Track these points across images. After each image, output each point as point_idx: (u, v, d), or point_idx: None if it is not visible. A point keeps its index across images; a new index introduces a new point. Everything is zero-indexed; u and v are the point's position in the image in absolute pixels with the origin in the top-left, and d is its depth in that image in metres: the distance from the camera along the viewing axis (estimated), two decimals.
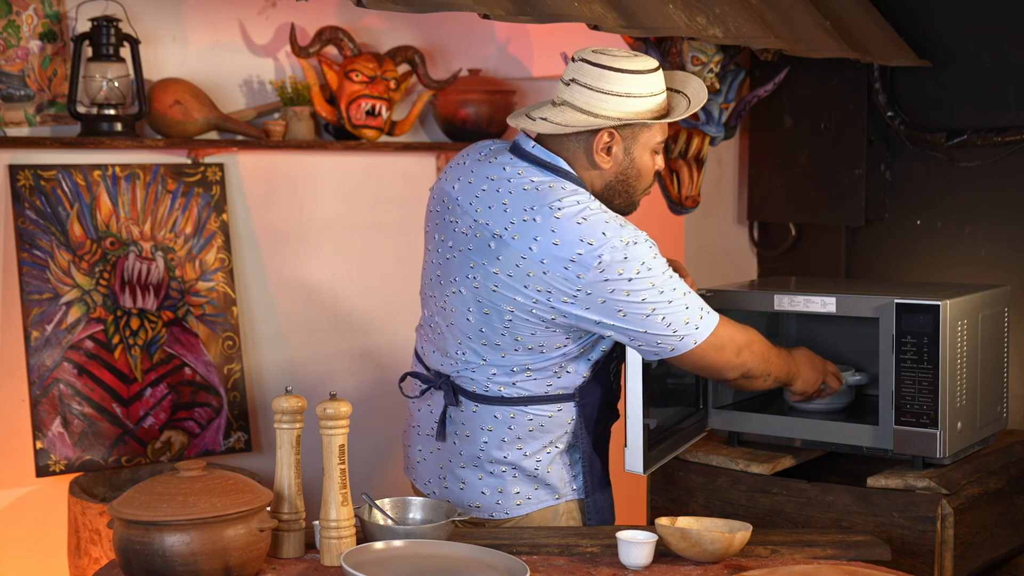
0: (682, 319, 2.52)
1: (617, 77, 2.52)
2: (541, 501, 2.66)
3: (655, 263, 2.50)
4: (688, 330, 2.53)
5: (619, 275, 2.46)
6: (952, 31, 3.62)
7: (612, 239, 2.45)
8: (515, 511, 2.65)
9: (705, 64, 3.49)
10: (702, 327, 2.54)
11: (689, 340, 2.54)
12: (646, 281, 2.48)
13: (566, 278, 2.46)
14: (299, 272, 3.86)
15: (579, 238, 2.45)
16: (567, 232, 2.46)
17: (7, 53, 3.31)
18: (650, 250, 2.50)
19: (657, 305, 2.49)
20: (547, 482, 2.66)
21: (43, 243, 3.35)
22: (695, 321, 2.54)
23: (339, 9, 3.81)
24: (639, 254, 2.47)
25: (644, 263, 2.48)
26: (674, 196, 3.60)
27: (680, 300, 2.52)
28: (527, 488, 2.65)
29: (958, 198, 3.63)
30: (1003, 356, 3.04)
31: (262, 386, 3.77)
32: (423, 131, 4.10)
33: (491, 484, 2.65)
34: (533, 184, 2.54)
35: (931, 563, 2.71)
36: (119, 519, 2.16)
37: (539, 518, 2.67)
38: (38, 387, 3.30)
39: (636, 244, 2.48)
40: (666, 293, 2.50)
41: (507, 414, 2.62)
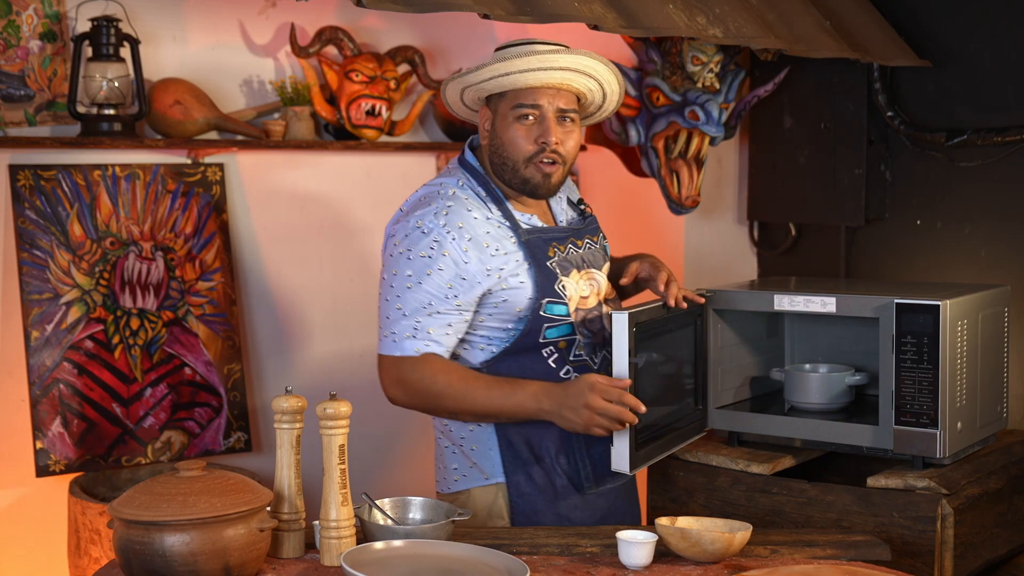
0: (381, 321, 2.64)
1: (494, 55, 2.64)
2: (474, 480, 2.72)
3: (418, 262, 2.58)
4: (379, 333, 2.65)
5: (394, 245, 2.63)
6: (952, 31, 3.62)
7: (410, 218, 2.61)
8: (454, 486, 2.73)
9: (705, 64, 3.49)
10: (380, 344, 2.64)
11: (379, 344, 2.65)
12: (394, 266, 2.61)
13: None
14: (299, 272, 3.85)
15: (406, 207, 2.67)
16: (408, 202, 2.70)
17: (7, 53, 3.31)
18: (428, 249, 2.57)
19: (382, 292, 2.64)
20: (474, 460, 2.71)
21: (43, 243, 3.35)
22: (381, 333, 2.63)
23: (339, 9, 3.81)
24: (413, 241, 2.59)
25: (410, 250, 2.59)
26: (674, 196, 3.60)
27: (391, 308, 2.61)
28: (463, 465, 2.73)
29: (958, 198, 3.63)
30: (1003, 356, 3.04)
31: (262, 386, 3.77)
32: (423, 131, 4.10)
33: (440, 459, 2.78)
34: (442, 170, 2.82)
35: (931, 563, 2.71)
36: (119, 519, 2.16)
37: (479, 497, 2.71)
38: (38, 387, 3.30)
39: (423, 234, 2.58)
40: (394, 289, 2.61)
41: None
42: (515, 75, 2.59)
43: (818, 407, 3.01)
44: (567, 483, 2.70)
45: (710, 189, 3.91)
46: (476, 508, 2.69)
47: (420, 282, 2.57)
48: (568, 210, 2.83)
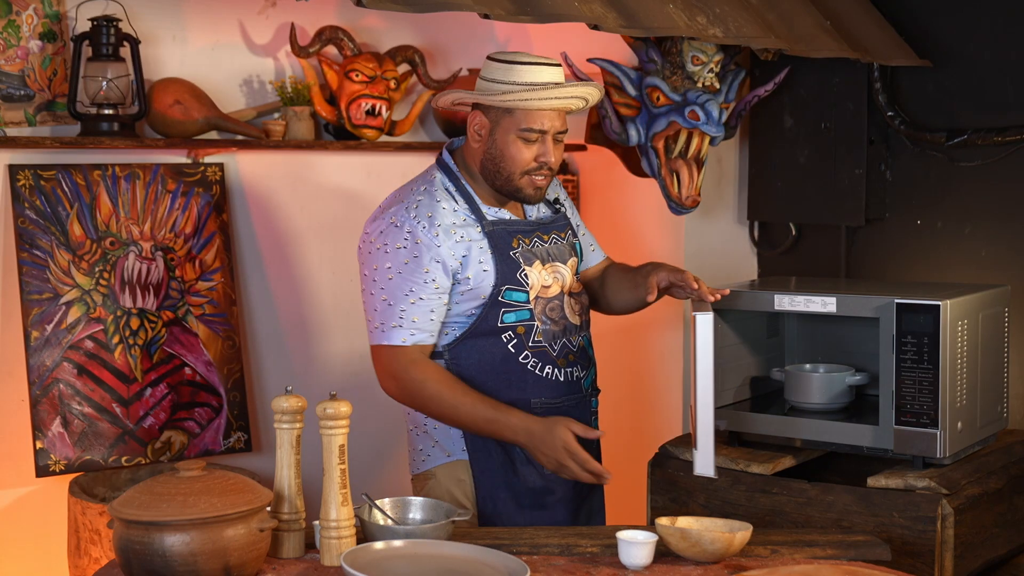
0: (368, 314, 2.76)
1: (490, 64, 2.76)
2: (437, 458, 2.81)
3: (394, 254, 2.70)
4: (368, 325, 2.74)
5: (371, 242, 2.76)
6: (952, 31, 3.62)
7: (389, 214, 2.75)
8: (422, 466, 2.84)
9: (705, 64, 3.49)
10: (371, 336, 2.76)
11: (369, 336, 2.77)
12: (373, 261, 2.74)
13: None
14: (299, 272, 3.85)
15: (382, 205, 2.82)
16: (385, 201, 2.84)
17: (7, 53, 3.31)
18: (402, 240, 2.70)
19: (364, 288, 2.77)
20: (436, 439, 2.81)
21: (43, 243, 3.35)
22: (371, 326, 2.76)
23: (339, 9, 3.81)
24: (388, 236, 2.73)
25: (385, 245, 2.72)
26: (674, 196, 3.60)
27: (376, 301, 2.73)
28: (427, 444, 2.83)
29: (958, 198, 3.63)
30: (1003, 356, 3.04)
31: (262, 386, 3.77)
32: (423, 131, 4.09)
33: (410, 441, 2.88)
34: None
35: (931, 563, 2.71)
36: (119, 519, 2.16)
37: (443, 475, 2.79)
38: (38, 387, 3.30)
39: (396, 228, 2.71)
40: (376, 283, 2.72)
41: None
42: (534, 102, 2.72)
43: (818, 407, 3.01)
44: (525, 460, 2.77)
45: (710, 189, 3.91)
46: (442, 485, 2.79)
47: (400, 272, 2.70)
48: (541, 207, 2.95)
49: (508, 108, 2.75)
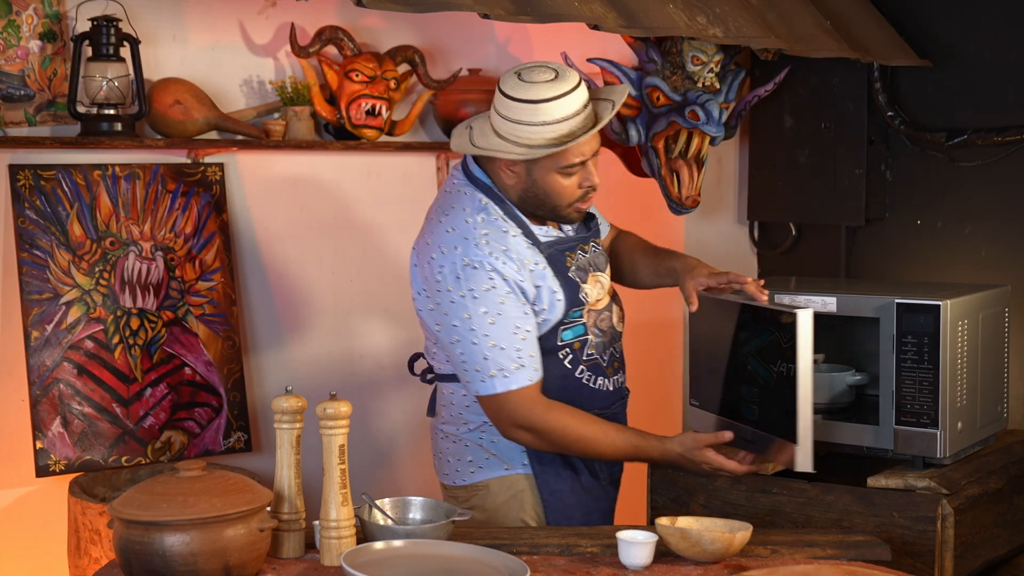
0: (474, 365, 2.59)
1: (509, 104, 2.59)
2: (492, 470, 2.75)
3: (485, 297, 2.57)
4: (473, 378, 2.61)
5: (448, 291, 2.60)
6: (952, 31, 3.62)
7: (459, 255, 2.59)
8: (470, 478, 2.76)
9: (705, 64, 3.49)
10: (488, 384, 2.60)
11: (472, 388, 2.63)
12: (464, 310, 2.58)
13: (420, 276, 2.67)
14: (299, 272, 3.85)
15: (439, 244, 2.63)
16: (435, 236, 2.65)
17: (7, 53, 3.31)
18: (488, 281, 2.57)
19: (462, 339, 2.59)
20: (493, 452, 2.74)
21: (43, 243, 3.35)
22: (485, 375, 2.59)
23: (339, 9, 3.81)
24: (472, 281, 2.57)
25: (472, 290, 2.57)
26: (674, 196, 3.60)
27: (485, 348, 2.58)
28: (479, 457, 2.76)
29: (958, 198, 3.63)
30: (1003, 356, 3.04)
31: (262, 386, 3.76)
32: (423, 131, 4.09)
33: (452, 452, 2.79)
34: (450, 188, 2.73)
35: (931, 563, 2.71)
36: (119, 519, 2.16)
37: (498, 487, 2.74)
38: (38, 387, 3.30)
39: (475, 270, 2.57)
40: (476, 332, 2.57)
41: (448, 390, 2.77)
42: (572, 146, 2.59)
43: (818, 407, 3.00)
44: (588, 475, 2.78)
45: (710, 189, 3.91)
46: (493, 498, 2.73)
47: (500, 312, 2.58)
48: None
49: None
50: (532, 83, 2.58)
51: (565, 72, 2.60)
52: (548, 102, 2.56)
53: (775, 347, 2.64)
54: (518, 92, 2.58)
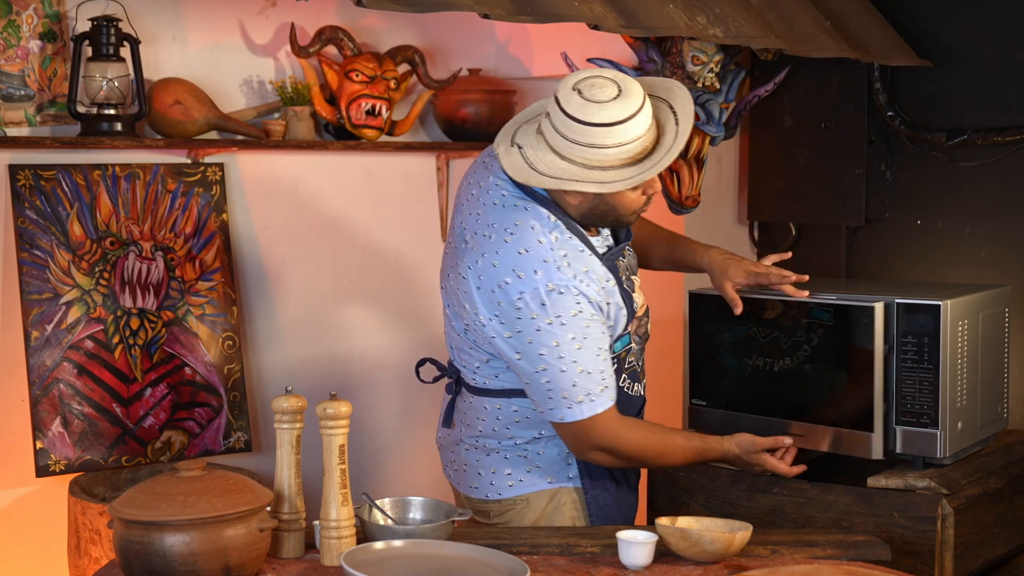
0: (561, 392, 2.52)
1: (580, 128, 2.41)
2: (533, 484, 2.70)
3: (572, 323, 2.48)
4: (558, 405, 2.54)
5: (532, 318, 2.48)
6: (952, 31, 3.62)
7: (540, 280, 2.46)
8: (507, 492, 2.70)
9: (705, 64, 3.49)
10: (575, 410, 2.53)
11: (556, 415, 2.55)
12: (552, 338, 2.48)
13: (489, 300, 2.51)
14: (299, 272, 3.85)
15: (512, 268, 2.48)
16: (506, 258, 2.50)
17: (7, 53, 3.31)
18: (575, 306, 2.47)
19: (549, 367, 2.50)
20: (538, 464, 2.70)
21: (43, 243, 3.35)
22: (572, 401, 2.52)
23: (339, 9, 3.81)
24: (559, 307, 2.47)
25: (559, 317, 2.47)
26: (674, 196, 3.60)
27: (573, 375, 2.50)
28: (519, 471, 2.70)
29: (958, 198, 3.63)
30: (1003, 356, 3.04)
31: (262, 386, 3.77)
32: (423, 131, 4.09)
33: (486, 465, 2.72)
34: (502, 201, 2.57)
35: (931, 563, 2.71)
36: (119, 519, 2.16)
37: (539, 501, 2.70)
38: (38, 387, 3.30)
39: (561, 295, 2.46)
40: (565, 359, 2.49)
41: (495, 405, 2.68)
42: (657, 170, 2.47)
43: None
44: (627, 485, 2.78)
45: (710, 189, 3.91)
46: (532, 511, 2.70)
47: (586, 336, 2.50)
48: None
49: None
50: (598, 102, 2.40)
51: (627, 84, 2.44)
52: (625, 123, 2.41)
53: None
54: (587, 114, 2.40)
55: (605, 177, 2.44)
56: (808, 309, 2.91)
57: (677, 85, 2.60)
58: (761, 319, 3.01)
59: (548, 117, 2.47)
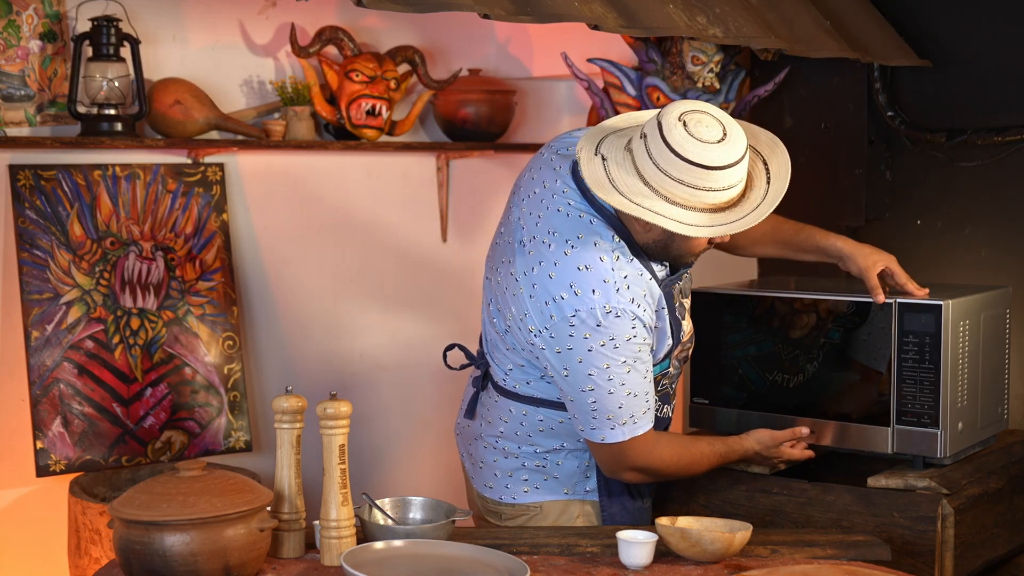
0: (606, 414, 2.50)
1: (677, 163, 2.31)
2: (550, 492, 2.69)
3: (625, 346, 2.44)
4: (601, 425, 2.51)
5: (584, 338, 2.43)
6: (952, 31, 3.62)
7: (597, 300, 2.41)
8: (522, 497, 2.69)
9: (705, 64, 3.49)
10: (618, 431, 2.52)
11: (597, 435, 2.53)
12: (603, 359, 2.44)
13: (542, 311, 2.47)
14: (299, 272, 3.85)
15: (570, 283, 2.43)
16: (565, 272, 2.44)
17: (7, 53, 3.31)
18: (630, 330, 2.43)
19: (597, 387, 2.47)
20: (556, 475, 2.69)
21: (43, 243, 3.35)
22: (616, 423, 2.50)
23: (339, 9, 3.81)
24: (614, 329, 2.43)
25: (613, 339, 2.43)
26: None
27: (620, 397, 2.48)
28: (536, 477, 2.69)
29: (958, 198, 3.63)
30: (1004, 357, 3.04)
31: (262, 386, 3.77)
32: (423, 131, 4.09)
33: (504, 467, 2.70)
34: (567, 210, 2.51)
35: (931, 563, 2.70)
36: (119, 519, 2.16)
37: (553, 510, 2.69)
38: (38, 387, 3.30)
39: (618, 317, 2.42)
40: (614, 381, 2.46)
41: (520, 410, 2.66)
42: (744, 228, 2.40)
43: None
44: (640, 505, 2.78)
45: None
46: (544, 518, 2.70)
47: (636, 359, 2.47)
48: None
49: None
50: (703, 141, 2.31)
51: (732, 129, 2.35)
52: (721, 170, 2.31)
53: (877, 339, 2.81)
54: (688, 151, 2.30)
55: (685, 217, 2.35)
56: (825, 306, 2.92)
57: (779, 143, 2.51)
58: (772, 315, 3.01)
59: (644, 139, 2.36)
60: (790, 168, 2.47)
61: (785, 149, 2.51)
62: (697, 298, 3.09)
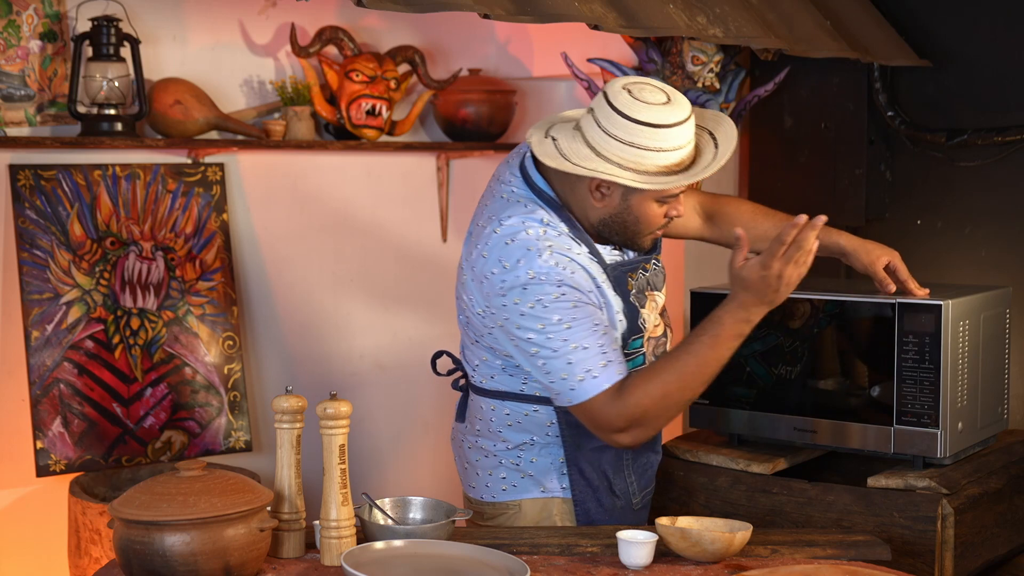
0: (560, 373, 2.46)
1: (626, 125, 2.38)
2: (526, 490, 2.68)
3: (555, 305, 2.42)
4: (562, 388, 2.47)
5: (515, 304, 2.44)
6: (952, 31, 3.62)
7: (522, 268, 2.43)
8: (501, 496, 2.69)
9: (705, 64, 3.49)
10: (579, 390, 2.45)
11: (564, 399, 2.49)
12: (537, 321, 2.44)
13: (479, 292, 2.50)
14: (299, 272, 3.85)
15: (498, 258, 2.46)
16: (493, 249, 2.48)
17: (7, 53, 3.31)
18: (557, 290, 2.42)
19: (541, 349, 2.45)
20: (530, 472, 2.68)
21: (43, 243, 3.35)
22: (573, 381, 2.45)
23: (339, 9, 3.81)
24: (539, 292, 2.42)
25: (540, 300, 2.42)
26: None
27: (567, 353, 2.44)
28: (513, 475, 2.68)
29: (958, 198, 3.63)
30: (1004, 357, 3.04)
31: (262, 386, 3.77)
32: (423, 131, 4.10)
33: (484, 466, 2.71)
34: (508, 196, 2.56)
35: (931, 563, 2.71)
36: (119, 519, 2.16)
37: (529, 508, 2.68)
38: (38, 387, 3.30)
39: (542, 282, 2.42)
40: (554, 340, 2.43)
41: (489, 406, 2.67)
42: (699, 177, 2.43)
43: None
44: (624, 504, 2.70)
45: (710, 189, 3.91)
46: (523, 517, 2.67)
47: (574, 316, 2.43)
48: None
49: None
50: (647, 104, 2.38)
51: (676, 95, 2.42)
52: (670, 128, 2.38)
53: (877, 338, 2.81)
54: (636, 112, 2.37)
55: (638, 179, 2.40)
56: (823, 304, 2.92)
57: (724, 117, 2.56)
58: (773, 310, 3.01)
59: (591, 112, 2.43)
60: (736, 136, 2.52)
61: (731, 122, 2.56)
62: (697, 298, 3.10)
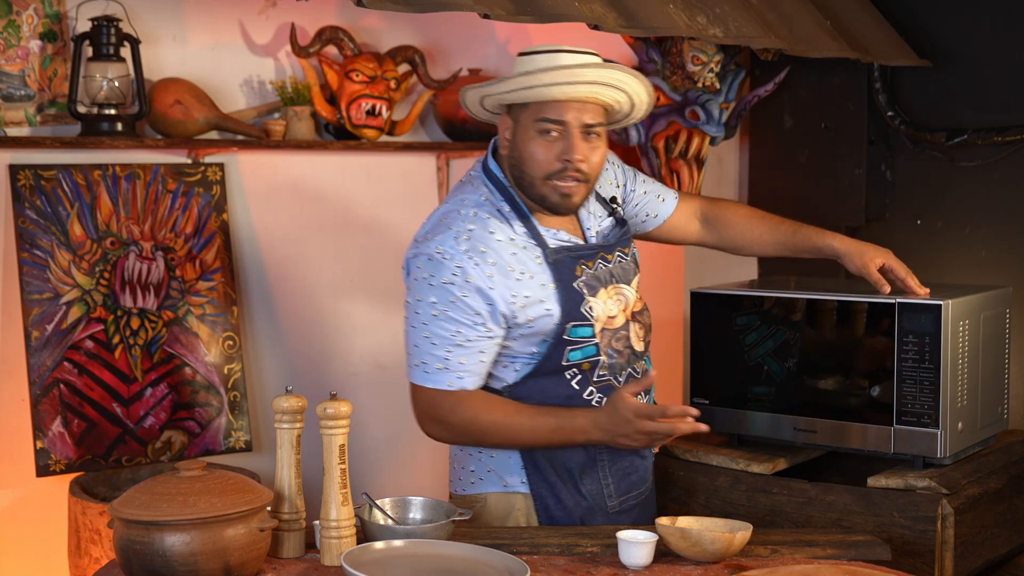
0: (411, 345, 2.55)
1: (523, 59, 2.53)
2: (491, 484, 2.68)
3: (440, 289, 2.48)
4: (408, 360, 2.57)
5: (416, 269, 2.54)
6: (952, 31, 3.62)
7: (430, 244, 2.52)
8: (470, 488, 2.70)
9: (705, 64, 3.49)
10: (412, 372, 2.56)
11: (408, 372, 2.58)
12: (418, 292, 2.52)
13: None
14: (299, 272, 3.85)
15: (425, 232, 2.58)
16: (430, 218, 2.61)
17: (7, 53, 3.31)
18: (451, 275, 2.47)
19: (407, 318, 2.55)
20: (491, 467, 2.68)
21: (43, 243, 3.35)
22: (413, 360, 2.54)
23: (339, 9, 3.81)
24: (435, 268, 2.49)
25: (432, 276, 2.49)
26: None
27: (418, 337, 2.52)
28: (480, 468, 2.69)
29: (958, 198, 3.63)
30: (1004, 357, 3.04)
31: (262, 386, 3.77)
32: (423, 131, 4.10)
33: (459, 460, 2.74)
34: (465, 178, 2.67)
35: (931, 563, 2.71)
36: (119, 519, 2.16)
37: (494, 502, 2.67)
38: (38, 387, 3.30)
39: (444, 261, 2.49)
40: (419, 316, 2.52)
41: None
42: (540, 88, 2.45)
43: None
44: (591, 504, 2.65)
45: (710, 189, 3.91)
46: (492, 511, 2.66)
47: (446, 309, 2.48)
48: (599, 215, 2.71)
49: (525, 101, 2.49)
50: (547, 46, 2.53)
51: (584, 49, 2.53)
52: (563, 53, 2.48)
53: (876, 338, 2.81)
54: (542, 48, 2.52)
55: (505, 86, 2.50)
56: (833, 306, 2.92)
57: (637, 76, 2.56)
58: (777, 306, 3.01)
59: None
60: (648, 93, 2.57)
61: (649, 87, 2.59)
62: (697, 298, 3.10)
